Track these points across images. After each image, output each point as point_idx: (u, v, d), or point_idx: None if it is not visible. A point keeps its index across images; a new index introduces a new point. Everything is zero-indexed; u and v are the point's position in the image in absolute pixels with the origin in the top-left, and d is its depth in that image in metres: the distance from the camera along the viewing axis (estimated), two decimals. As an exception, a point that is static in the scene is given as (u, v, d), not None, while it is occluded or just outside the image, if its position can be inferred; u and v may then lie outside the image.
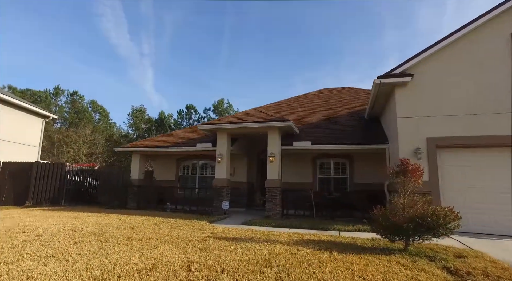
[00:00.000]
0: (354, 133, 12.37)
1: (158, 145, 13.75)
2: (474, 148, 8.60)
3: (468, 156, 8.65)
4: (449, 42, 9.05)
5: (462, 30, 8.89)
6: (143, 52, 68.09)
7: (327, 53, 69.16)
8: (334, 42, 68.39)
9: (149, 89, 67.16)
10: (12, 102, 16.20)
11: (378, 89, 9.75)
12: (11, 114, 16.39)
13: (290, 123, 11.17)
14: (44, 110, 19.71)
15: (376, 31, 64.61)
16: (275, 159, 11.39)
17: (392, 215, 5.53)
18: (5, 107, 16.04)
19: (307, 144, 11.68)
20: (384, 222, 5.64)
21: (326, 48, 69.09)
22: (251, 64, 72.11)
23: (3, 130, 15.76)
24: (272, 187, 11.26)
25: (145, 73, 68.77)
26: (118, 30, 63.73)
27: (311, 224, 9.06)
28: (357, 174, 13.05)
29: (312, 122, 14.10)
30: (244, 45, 71.11)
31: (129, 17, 62.94)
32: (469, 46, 9.03)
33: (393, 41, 65.37)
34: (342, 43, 68.24)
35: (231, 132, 12.29)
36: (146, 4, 61.13)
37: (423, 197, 5.79)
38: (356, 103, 15.95)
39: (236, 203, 14.04)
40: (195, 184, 15.02)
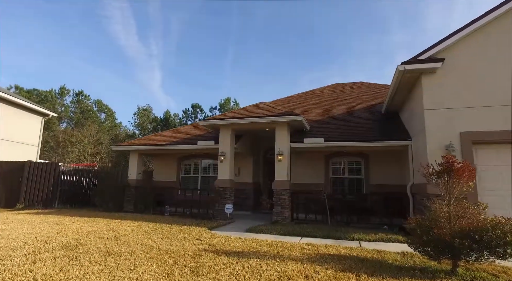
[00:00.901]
0: (370, 129, 11.09)
1: (156, 143, 12.65)
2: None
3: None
4: (487, 22, 7.73)
5: (503, 6, 7.57)
6: (151, 53, 67.54)
7: (333, 53, 67.61)
8: (340, 42, 66.87)
9: (157, 90, 66.57)
10: (9, 99, 15.30)
11: (401, 77, 8.47)
12: (8, 112, 15.48)
13: (301, 118, 9.95)
14: (43, 108, 18.82)
15: (383, 30, 62.93)
16: (283, 157, 10.18)
17: (436, 227, 4.28)
18: (2, 105, 15.15)
19: (319, 141, 10.44)
20: (425, 235, 4.40)
21: (333, 48, 67.57)
22: (257, 65, 70.95)
23: (0, 128, 14.87)
24: (280, 188, 10.04)
25: (153, 74, 68.24)
26: (127, 32, 63.33)
27: (326, 232, 7.83)
28: (373, 174, 11.76)
29: (324, 118, 12.85)
30: (250, 46, 70.07)
31: (138, 19, 62.46)
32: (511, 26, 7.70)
33: (400, 41, 63.58)
34: (348, 43, 66.70)
35: (235, 129, 11.12)
36: (154, 6, 60.61)
37: (476, 204, 4.51)
38: (370, 98, 14.63)
39: (241, 206, 12.86)
40: (197, 185, 13.89)
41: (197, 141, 11.94)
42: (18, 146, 16.38)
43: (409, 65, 7.95)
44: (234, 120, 10.52)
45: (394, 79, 8.83)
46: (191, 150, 12.27)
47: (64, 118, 40.33)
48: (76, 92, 42.09)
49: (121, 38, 64.28)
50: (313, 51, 68.40)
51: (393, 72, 8.61)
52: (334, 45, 66.95)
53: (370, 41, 64.96)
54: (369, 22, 61.78)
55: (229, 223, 9.76)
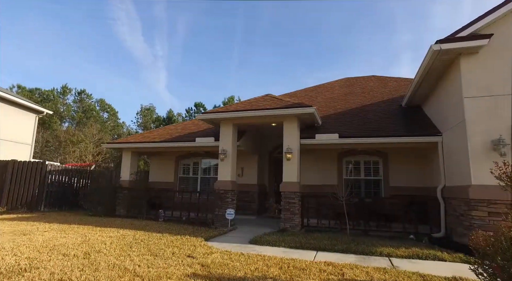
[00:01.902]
0: (390, 124, 9.64)
1: (151, 140, 11.33)
2: None
3: None
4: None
5: None
6: (156, 54, 66.52)
7: (339, 53, 65.85)
8: (346, 42, 65.16)
9: (162, 90, 65.39)
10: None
11: (434, 60, 7.03)
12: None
13: (313, 110, 8.55)
14: (36, 105, 17.61)
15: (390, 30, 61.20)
16: (293, 155, 8.79)
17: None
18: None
19: (333, 137, 9.03)
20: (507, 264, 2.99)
21: (338, 48, 65.85)
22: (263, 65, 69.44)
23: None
24: (289, 191, 8.66)
25: (158, 74, 67.13)
26: (132, 33, 62.42)
27: (345, 244, 6.43)
28: (393, 175, 10.32)
29: (336, 113, 11.43)
30: (256, 46, 68.66)
31: (143, 20, 61.55)
32: None
33: (407, 40, 61.72)
34: (354, 42, 64.99)
35: (237, 123, 9.75)
36: (160, 7, 59.72)
37: None
38: (387, 91, 13.18)
39: (245, 210, 11.50)
40: (196, 186, 12.55)
41: (195, 137, 10.59)
42: (9, 144, 15.18)
43: (446, 44, 6.51)
44: (236, 114, 9.16)
45: (424, 63, 7.39)
46: (190, 148, 10.93)
47: (66, 118, 39.31)
48: (78, 91, 41.07)
49: (127, 39, 63.44)
50: (319, 51, 66.84)
51: (399, 72, 7.20)
52: (340, 45, 65.37)
53: (376, 41, 63.33)
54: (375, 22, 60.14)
55: (230, 231, 8.40)
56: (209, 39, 66.49)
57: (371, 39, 62.99)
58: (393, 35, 61.93)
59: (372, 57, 62.93)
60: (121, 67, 64.73)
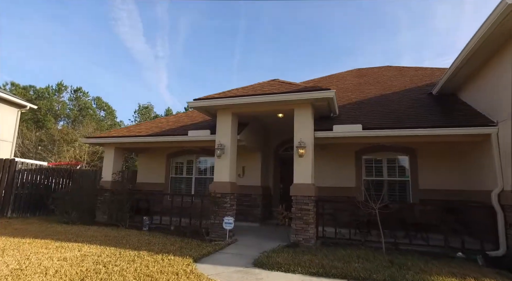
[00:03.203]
0: (422, 114, 7.84)
1: (137, 134, 9.51)
2: None
3: None
4: None
5: None
6: (157, 54, 64.74)
7: (340, 53, 64.06)
8: (347, 43, 63.48)
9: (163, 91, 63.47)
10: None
11: (497, 25, 5.22)
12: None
13: (332, 94, 6.73)
14: (18, 98, 15.74)
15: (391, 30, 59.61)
16: (306, 151, 6.98)
17: None
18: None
19: (355, 128, 7.23)
20: None
21: (340, 48, 64.08)
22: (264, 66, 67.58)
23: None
24: (302, 195, 6.84)
25: (159, 74, 65.27)
26: (134, 33, 60.60)
27: (385, 270, 4.62)
28: (423, 176, 8.51)
29: (352, 103, 9.62)
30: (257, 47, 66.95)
31: (145, 21, 59.77)
32: None
33: (408, 41, 60.15)
34: (356, 43, 63.32)
35: (238, 113, 7.95)
36: (162, 8, 58.10)
37: None
38: (407, 80, 11.38)
39: (246, 216, 9.68)
40: (191, 188, 10.73)
41: (188, 130, 8.78)
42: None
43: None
44: (236, 100, 7.34)
45: (482, 29, 5.56)
46: (182, 143, 9.11)
47: (61, 116, 37.44)
48: (74, 89, 39.20)
49: (128, 40, 61.68)
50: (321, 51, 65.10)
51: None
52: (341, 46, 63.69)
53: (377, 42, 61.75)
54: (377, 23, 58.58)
55: (228, 245, 6.58)
56: (210, 40, 64.84)
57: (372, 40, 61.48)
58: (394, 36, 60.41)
59: (373, 58, 61.20)
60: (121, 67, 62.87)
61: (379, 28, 59.39)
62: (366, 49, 62.56)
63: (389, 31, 59.52)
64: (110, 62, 61.84)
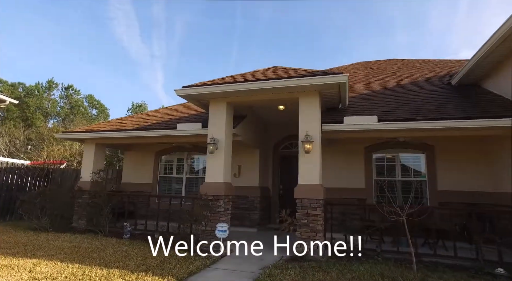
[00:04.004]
0: (443, 105, 6.80)
1: (121, 128, 8.36)
2: None
3: None
4: None
5: None
6: (153, 54, 63.36)
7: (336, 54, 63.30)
8: (343, 43, 62.89)
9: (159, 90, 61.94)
10: None
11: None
12: None
13: (345, 79, 5.66)
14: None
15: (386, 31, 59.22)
16: (313, 146, 5.90)
17: None
18: None
19: (369, 120, 6.18)
20: None
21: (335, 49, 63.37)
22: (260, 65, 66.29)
23: None
24: (308, 198, 5.75)
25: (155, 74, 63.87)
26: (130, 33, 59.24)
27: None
28: (442, 175, 7.49)
29: (361, 94, 8.59)
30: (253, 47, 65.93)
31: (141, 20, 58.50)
32: None
33: (403, 42, 59.84)
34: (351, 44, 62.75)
35: (233, 102, 6.86)
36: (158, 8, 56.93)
37: None
38: (418, 72, 10.37)
39: (242, 220, 8.59)
40: (181, 189, 9.61)
41: (177, 123, 7.66)
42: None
43: None
44: (232, 87, 6.24)
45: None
46: (170, 138, 7.96)
47: (51, 114, 35.97)
48: (65, 87, 37.75)
49: (124, 39, 60.29)
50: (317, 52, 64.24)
51: None
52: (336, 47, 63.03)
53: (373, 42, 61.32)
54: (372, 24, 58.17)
55: (222, 257, 5.49)
56: (207, 39, 63.69)
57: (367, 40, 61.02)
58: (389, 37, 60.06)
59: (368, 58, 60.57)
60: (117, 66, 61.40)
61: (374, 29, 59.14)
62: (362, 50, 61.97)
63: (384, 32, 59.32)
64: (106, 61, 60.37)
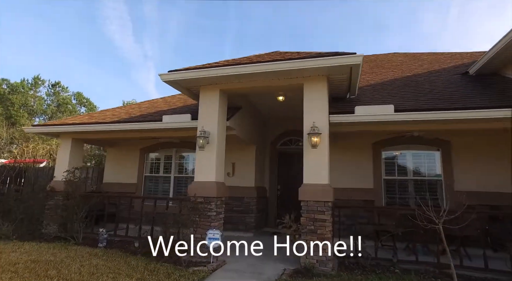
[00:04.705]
0: (468, 95, 6.00)
1: (99, 121, 7.37)
2: None
3: None
4: None
5: None
6: (146, 53, 62.04)
7: (330, 54, 63.15)
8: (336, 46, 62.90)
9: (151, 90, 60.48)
10: None
11: None
12: None
13: (359, 60, 4.79)
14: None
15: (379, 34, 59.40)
16: (321, 140, 5.02)
17: None
18: None
19: (385, 110, 5.34)
20: None
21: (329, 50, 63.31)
22: (254, 65, 65.79)
23: None
24: (315, 200, 4.87)
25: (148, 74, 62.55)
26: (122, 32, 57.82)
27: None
28: (460, 174, 6.70)
29: (369, 85, 7.77)
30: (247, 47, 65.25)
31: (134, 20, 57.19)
32: None
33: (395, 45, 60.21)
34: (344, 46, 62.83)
35: (228, 90, 5.94)
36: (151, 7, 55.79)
37: None
38: (424, 64, 9.59)
39: (236, 224, 7.68)
40: (168, 189, 8.65)
41: (162, 115, 6.72)
42: None
43: None
44: (227, 70, 5.33)
45: None
46: (156, 131, 7.01)
47: (37, 112, 34.46)
48: (52, 83, 36.22)
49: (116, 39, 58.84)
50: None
51: None
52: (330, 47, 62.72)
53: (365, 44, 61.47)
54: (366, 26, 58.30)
55: (213, 271, 4.57)
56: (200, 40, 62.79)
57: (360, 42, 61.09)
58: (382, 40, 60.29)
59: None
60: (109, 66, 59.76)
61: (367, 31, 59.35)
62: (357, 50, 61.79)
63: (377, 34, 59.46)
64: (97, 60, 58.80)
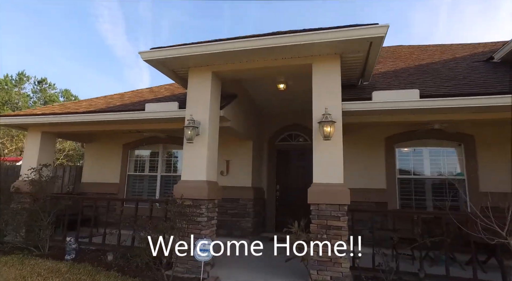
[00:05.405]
0: (496, 81, 5.20)
1: (72, 111, 6.37)
2: None
3: None
4: None
5: None
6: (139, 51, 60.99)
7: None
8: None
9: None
10: None
11: None
12: None
13: (384, 31, 3.93)
14: None
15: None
16: (334, 129, 4.14)
17: None
18: None
19: (409, 96, 4.49)
20: None
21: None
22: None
23: None
24: (328, 204, 3.98)
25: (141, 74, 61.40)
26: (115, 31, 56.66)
27: None
28: (485, 173, 5.90)
29: (383, 72, 6.93)
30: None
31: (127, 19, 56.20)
32: None
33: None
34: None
35: (221, 73, 5.02)
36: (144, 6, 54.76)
37: None
38: (434, 54, 8.83)
39: (231, 230, 6.76)
40: (154, 189, 7.70)
41: (145, 104, 5.77)
42: None
43: None
44: (221, 46, 4.42)
45: None
46: (139, 123, 6.04)
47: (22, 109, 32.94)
48: (38, 80, 34.74)
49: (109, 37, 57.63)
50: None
51: None
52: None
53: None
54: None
55: (202, 293, 3.63)
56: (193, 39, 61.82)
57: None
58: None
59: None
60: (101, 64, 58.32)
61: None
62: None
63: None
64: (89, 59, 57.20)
